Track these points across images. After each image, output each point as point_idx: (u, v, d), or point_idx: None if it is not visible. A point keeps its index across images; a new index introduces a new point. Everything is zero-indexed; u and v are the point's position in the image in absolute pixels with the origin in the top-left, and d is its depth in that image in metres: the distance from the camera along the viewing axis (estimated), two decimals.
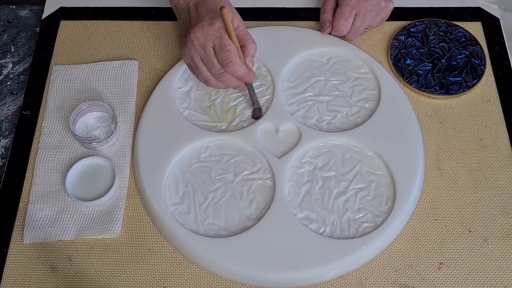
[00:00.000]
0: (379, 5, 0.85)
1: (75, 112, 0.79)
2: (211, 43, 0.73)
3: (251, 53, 0.76)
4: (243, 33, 0.76)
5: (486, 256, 0.73)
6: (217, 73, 0.75)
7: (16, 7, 0.96)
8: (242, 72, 0.75)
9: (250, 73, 0.76)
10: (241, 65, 0.74)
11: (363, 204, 0.75)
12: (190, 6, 0.78)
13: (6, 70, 0.90)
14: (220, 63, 0.74)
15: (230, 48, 0.72)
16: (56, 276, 0.72)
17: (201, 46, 0.74)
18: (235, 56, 0.73)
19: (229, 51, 0.72)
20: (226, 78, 0.75)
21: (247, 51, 0.76)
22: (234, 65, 0.73)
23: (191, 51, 0.75)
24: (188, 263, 0.73)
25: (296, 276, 0.71)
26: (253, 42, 0.76)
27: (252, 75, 0.77)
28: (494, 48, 0.89)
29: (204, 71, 0.76)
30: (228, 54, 0.72)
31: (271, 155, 0.78)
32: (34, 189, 0.77)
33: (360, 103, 0.83)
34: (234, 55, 0.73)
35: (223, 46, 0.72)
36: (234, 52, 0.73)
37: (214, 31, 0.72)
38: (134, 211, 0.76)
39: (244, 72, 0.75)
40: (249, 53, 0.76)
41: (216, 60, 0.74)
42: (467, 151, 0.80)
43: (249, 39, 0.76)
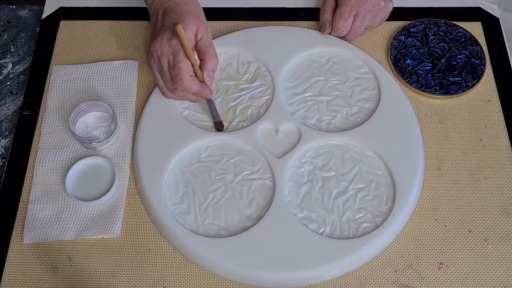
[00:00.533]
0: (379, 5, 0.85)
1: (75, 112, 0.79)
2: (166, 58, 0.73)
3: (209, 68, 0.74)
4: (204, 46, 0.74)
5: (486, 256, 0.73)
6: (170, 88, 0.75)
7: (16, 7, 0.96)
8: (194, 90, 0.74)
9: (204, 90, 0.75)
10: (193, 83, 0.73)
11: (363, 204, 0.75)
12: (159, 13, 0.77)
13: (6, 70, 0.90)
14: (171, 80, 0.74)
15: (181, 65, 0.71)
16: (56, 276, 0.72)
17: (158, 59, 0.74)
18: (185, 74, 0.72)
19: (180, 69, 0.71)
20: (180, 93, 0.75)
21: (205, 66, 0.74)
22: (184, 83, 0.72)
23: (151, 61, 0.75)
24: (188, 263, 0.73)
25: (296, 276, 0.71)
26: (213, 57, 0.74)
27: (207, 92, 0.76)
28: (494, 48, 0.89)
29: (160, 83, 0.76)
30: (178, 71, 0.72)
31: (271, 155, 0.78)
32: (34, 189, 0.77)
33: (360, 103, 0.83)
34: (184, 73, 0.72)
35: (175, 63, 0.72)
36: (184, 70, 0.72)
37: (170, 46, 0.72)
38: (134, 211, 0.76)
39: (196, 89, 0.74)
40: (207, 68, 0.74)
41: (169, 76, 0.74)
42: (467, 151, 0.80)
43: (209, 53, 0.74)
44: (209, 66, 0.74)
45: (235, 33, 0.89)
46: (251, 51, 0.87)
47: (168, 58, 0.73)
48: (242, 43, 0.88)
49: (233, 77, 0.86)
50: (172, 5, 0.76)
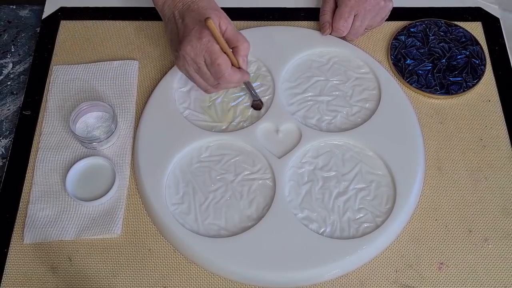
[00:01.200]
0: (378, 4, 0.85)
1: (75, 112, 0.79)
2: (202, 57, 0.72)
3: (242, 53, 0.75)
4: (232, 34, 0.74)
5: (486, 256, 0.73)
6: (213, 84, 0.76)
7: (16, 7, 0.96)
8: (236, 80, 0.75)
9: (244, 75, 0.76)
10: (234, 74, 0.74)
11: (363, 204, 0.75)
12: (175, 15, 0.76)
13: (6, 70, 0.90)
14: (213, 77, 0.74)
15: (220, 62, 0.71)
16: (56, 276, 0.72)
17: (193, 61, 0.73)
18: (226, 69, 0.72)
19: (219, 65, 0.72)
20: (223, 86, 0.76)
21: (239, 53, 0.74)
22: (227, 78, 0.73)
23: (184, 65, 0.75)
24: (188, 263, 0.73)
25: (296, 276, 0.71)
26: (244, 42, 0.74)
27: (246, 76, 0.77)
28: (494, 48, 0.89)
29: (201, 82, 0.76)
30: (218, 68, 0.72)
31: (271, 155, 0.78)
32: (34, 189, 0.77)
33: (360, 103, 0.83)
34: (225, 68, 0.72)
35: (213, 61, 0.72)
36: (224, 65, 0.72)
37: (203, 45, 0.72)
38: (135, 211, 0.76)
39: (238, 79, 0.75)
40: (242, 54, 0.74)
41: (209, 73, 0.74)
42: (467, 151, 0.80)
43: (239, 39, 0.74)
44: (242, 52, 0.74)
45: None
46: (251, 51, 0.86)
47: (204, 57, 0.72)
48: None
49: None
50: (187, 4, 0.76)
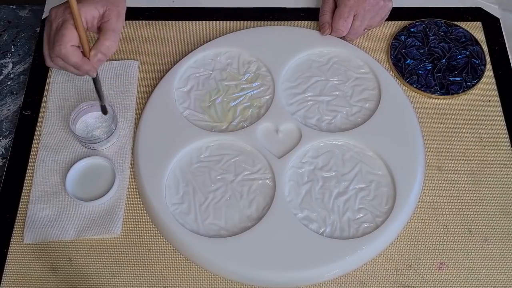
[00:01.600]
0: (378, 4, 0.85)
1: (75, 112, 0.79)
2: (56, 23, 0.70)
3: (99, 48, 0.70)
4: (106, 28, 0.71)
5: (486, 256, 0.73)
6: (51, 55, 0.72)
7: (16, 7, 0.96)
8: (72, 61, 0.70)
9: (84, 65, 0.71)
10: (72, 54, 0.69)
11: (363, 204, 0.75)
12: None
13: (6, 70, 0.90)
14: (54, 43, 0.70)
15: (64, 32, 0.68)
16: (56, 276, 0.72)
17: (50, 22, 0.71)
18: (66, 42, 0.68)
19: (63, 35, 0.68)
20: (60, 62, 0.71)
21: (97, 45, 0.71)
22: (61, 50, 0.69)
23: (46, 23, 0.73)
24: (188, 263, 0.73)
25: (296, 276, 0.71)
26: (109, 40, 0.70)
27: (87, 68, 0.71)
28: (494, 48, 0.89)
29: (45, 49, 0.73)
30: (60, 37, 0.68)
31: (271, 155, 0.78)
32: (34, 189, 0.77)
33: (360, 103, 0.83)
34: (66, 41, 0.68)
35: (60, 29, 0.69)
36: (67, 37, 0.68)
37: (63, 13, 0.70)
38: (134, 211, 0.76)
39: (74, 61, 0.70)
40: (98, 47, 0.70)
41: (52, 38, 0.71)
42: (467, 151, 0.80)
43: (108, 35, 0.70)
44: (100, 46, 0.71)
45: (235, 33, 0.89)
46: (251, 51, 0.87)
47: (58, 23, 0.70)
48: (242, 43, 0.88)
49: (234, 77, 0.86)
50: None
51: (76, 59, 0.70)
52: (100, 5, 0.72)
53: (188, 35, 0.91)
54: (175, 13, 0.93)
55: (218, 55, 0.87)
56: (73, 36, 0.69)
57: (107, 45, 0.71)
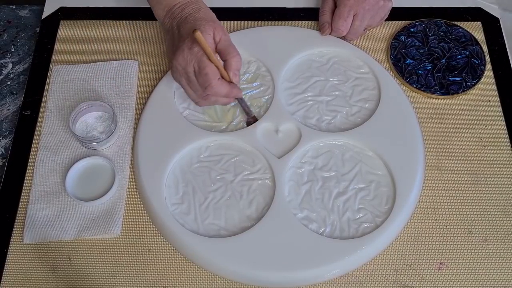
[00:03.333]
0: (377, 4, 0.85)
1: (75, 112, 0.79)
2: (192, 67, 0.73)
3: (233, 67, 0.74)
4: (225, 46, 0.74)
5: (486, 256, 0.73)
6: (202, 96, 0.75)
7: (16, 7, 0.96)
8: (224, 92, 0.74)
9: (233, 90, 0.75)
10: (221, 85, 0.73)
11: (363, 204, 0.75)
12: (174, 27, 0.77)
13: (6, 70, 0.90)
14: (201, 86, 0.74)
15: (207, 71, 0.71)
16: (56, 276, 0.72)
17: (184, 71, 0.74)
18: (213, 79, 0.72)
19: (207, 74, 0.72)
20: (212, 99, 0.75)
21: (229, 66, 0.74)
22: (213, 87, 0.73)
23: (177, 76, 0.76)
24: (188, 263, 0.73)
25: (296, 276, 0.71)
26: (235, 55, 0.74)
27: (236, 91, 0.76)
28: (494, 48, 0.89)
29: (191, 94, 0.76)
30: (206, 78, 0.72)
31: (271, 155, 0.78)
32: (34, 189, 0.77)
33: (360, 103, 0.83)
34: (212, 77, 0.72)
35: (201, 70, 0.72)
36: (211, 74, 0.72)
37: (193, 55, 0.72)
38: (134, 211, 0.76)
39: (226, 91, 0.74)
40: (231, 67, 0.74)
41: (198, 84, 0.74)
42: (467, 151, 0.80)
43: (231, 52, 0.74)
44: (233, 65, 0.74)
45: (235, 33, 0.89)
46: (251, 51, 0.87)
47: (193, 67, 0.73)
48: (242, 43, 0.87)
49: None
50: (184, 16, 0.76)
51: (226, 89, 0.74)
52: (209, 29, 0.73)
53: None
54: None
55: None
56: (214, 70, 0.72)
57: (236, 60, 0.74)
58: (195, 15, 0.76)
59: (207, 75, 0.72)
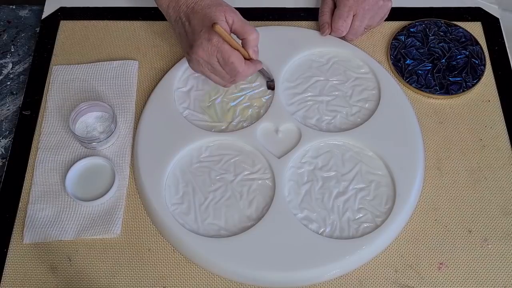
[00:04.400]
0: (377, 4, 0.85)
1: (75, 112, 0.79)
2: (215, 58, 0.74)
3: (252, 44, 0.75)
4: (240, 26, 0.75)
5: (486, 256, 0.73)
6: (230, 81, 0.77)
7: (16, 7, 0.96)
8: (251, 72, 0.77)
9: (257, 65, 0.77)
10: (248, 68, 0.75)
11: (363, 204, 0.75)
12: (182, 18, 0.77)
13: (6, 70, 0.90)
14: (229, 74, 0.76)
15: (232, 60, 0.73)
16: (56, 276, 0.72)
17: (207, 63, 0.75)
18: (240, 66, 0.73)
19: (233, 63, 0.73)
20: (240, 80, 0.78)
21: (248, 44, 0.75)
22: (242, 73, 0.75)
23: (199, 67, 0.76)
24: (188, 263, 0.73)
25: (296, 276, 0.71)
26: (252, 32, 0.74)
27: (259, 65, 0.78)
28: (494, 48, 0.89)
29: (218, 80, 0.78)
30: (233, 66, 0.73)
31: (271, 155, 0.78)
32: (34, 189, 0.77)
33: (360, 103, 0.83)
34: (239, 65, 0.73)
35: (226, 60, 0.73)
36: (237, 62, 0.73)
37: (213, 46, 0.72)
38: (134, 211, 0.76)
39: (252, 71, 0.77)
40: (250, 45, 0.75)
41: (224, 72, 0.75)
42: (467, 151, 0.80)
43: (247, 30, 0.74)
44: (251, 43, 0.75)
45: None
46: None
47: (217, 58, 0.73)
48: None
49: None
50: (190, 6, 0.76)
51: (252, 69, 0.76)
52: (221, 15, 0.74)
53: None
54: None
55: None
56: (239, 57, 0.74)
57: (253, 37, 0.75)
58: (200, 3, 0.75)
59: (234, 64, 0.73)
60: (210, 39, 0.72)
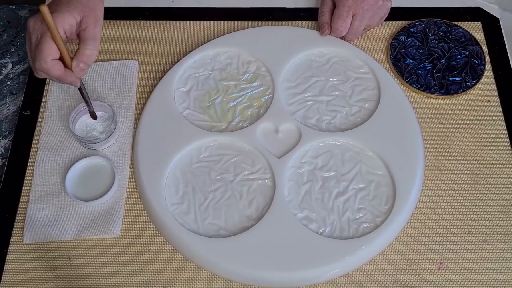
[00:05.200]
0: (376, 4, 0.85)
1: (75, 112, 0.79)
2: (35, 36, 0.69)
3: (80, 58, 0.70)
4: (85, 36, 0.70)
5: (486, 256, 0.73)
6: (33, 66, 0.71)
7: (16, 7, 0.96)
8: (55, 74, 0.70)
9: (67, 77, 0.71)
10: (53, 67, 0.69)
11: (363, 204, 0.75)
12: None
13: (6, 70, 0.90)
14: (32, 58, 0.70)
15: (43, 47, 0.67)
16: (56, 276, 0.72)
17: (29, 35, 0.71)
18: (45, 56, 0.68)
19: (41, 50, 0.68)
20: (43, 75, 0.71)
21: (77, 55, 0.70)
22: (42, 65, 0.68)
23: (26, 36, 0.72)
24: (188, 263, 0.73)
25: (296, 276, 0.71)
26: (88, 49, 0.70)
27: (70, 79, 0.71)
28: (494, 48, 0.89)
29: (29, 60, 0.72)
30: (39, 52, 0.68)
31: (271, 155, 0.78)
32: (34, 189, 0.77)
33: (360, 103, 0.83)
34: (45, 55, 0.68)
35: (38, 44, 0.68)
36: (46, 52, 0.68)
37: (41, 25, 0.69)
38: (134, 211, 0.76)
39: (57, 75, 0.70)
40: (78, 57, 0.70)
41: (33, 52, 0.70)
42: (467, 151, 0.80)
43: (87, 44, 0.70)
44: (80, 56, 0.70)
45: (235, 33, 0.89)
46: (251, 51, 0.87)
47: (36, 36, 0.69)
48: (242, 43, 0.88)
49: (233, 77, 0.86)
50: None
51: (58, 72, 0.69)
52: (77, 12, 0.70)
53: (188, 35, 0.91)
54: (175, 13, 0.93)
55: (217, 55, 0.87)
56: (52, 49, 0.68)
57: (88, 54, 0.70)
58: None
59: (41, 51, 0.68)
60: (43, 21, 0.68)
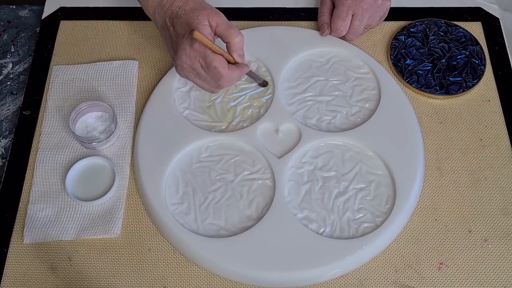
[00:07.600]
0: (376, 3, 0.85)
1: (75, 112, 0.79)
2: (198, 63, 0.73)
3: (236, 48, 0.74)
4: (224, 29, 0.73)
5: (486, 256, 0.73)
6: (215, 86, 0.76)
7: (16, 7, 0.96)
8: (236, 77, 0.75)
9: (243, 69, 0.75)
10: (232, 72, 0.73)
11: (363, 204, 0.75)
12: (167, 23, 0.76)
13: (6, 70, 0.90)
14: (213, 79, 0.74)
15: (215, 64, 0.71)
16: (56, 276, 0.72)
17: (190, 68, 0.74)
18: (223, 70, 0.72)
19: (216, 67, 0.72)
20: (226, 84, 0.75)
21: (232, 48, 0.74)
22: (226, 77, 0.73)
23: (184, 73, 0.75)
24: (188, 263, 0.73)
25: (296, 276, 0.71)
26: (235, 36, 0.73)
27: (245, 70, 0.76)
28: (494, 48, 0.89)
29: (204, 85, 0.76)
30: (215, 71, 0.72)
31: (271, 155, 0.78)
32: (34, 189, 0.77)
33: (360, 103, 0.83)
34: (222, 69, 0.72)
35: (208, 65, 0.72)
36: (220, 66, 0.72)
37: (195, 51, 0.72)
38: (134, 211, 0.76)
39: (237, 75, 0.75)
40: (234, 48, 0.74)
41: (208, 77, 0.74)
42: (467, 151, 0.80)
43: (231, 34, 0.73)
44: (235, 46, 0.74)
45: None
46: (251, 51, 0.87)
47: (199, 63, 0.73)
48: None
49: None
50: (174, 11, 0.75)
51: (237, 73, 0.75)
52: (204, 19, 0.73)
53: None
54: None
55: None
56: (221, 61, 0.72)
57: (237, 41, 0.74)
58: (185, 7, 0.75)
59: (216, 68, 0.72)
60: (192, 45, 0.71)
